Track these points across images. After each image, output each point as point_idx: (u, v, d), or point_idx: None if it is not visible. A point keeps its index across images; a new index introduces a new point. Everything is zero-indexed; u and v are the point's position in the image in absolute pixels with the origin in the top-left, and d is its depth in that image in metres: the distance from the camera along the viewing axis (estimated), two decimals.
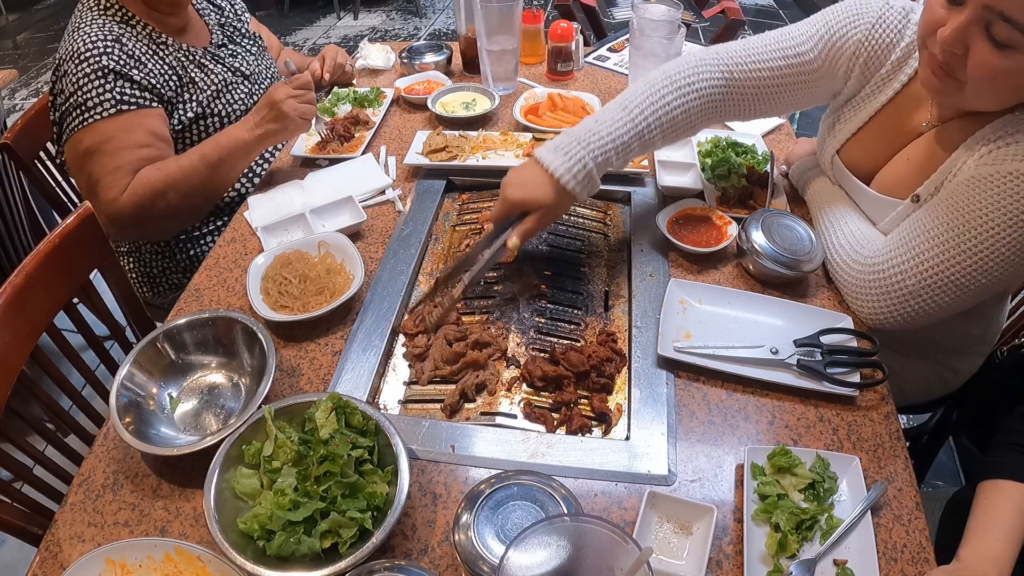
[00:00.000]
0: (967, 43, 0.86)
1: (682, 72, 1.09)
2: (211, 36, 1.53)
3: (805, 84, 1.12)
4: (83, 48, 1.28)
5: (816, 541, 0.81)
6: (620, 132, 1.05)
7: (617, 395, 0.99)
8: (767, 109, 1.16)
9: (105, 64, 1.28)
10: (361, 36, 4.64)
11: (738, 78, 1.11)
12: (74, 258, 1.17)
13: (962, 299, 0.97)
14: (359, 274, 1.11)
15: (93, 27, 1.31)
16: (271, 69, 1.67)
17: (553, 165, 1.02)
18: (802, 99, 1.15)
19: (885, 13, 1.05)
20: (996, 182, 0.90)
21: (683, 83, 1.08)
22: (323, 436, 0.81)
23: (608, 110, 1.08)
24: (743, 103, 1.14)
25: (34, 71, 4.35)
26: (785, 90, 1.13)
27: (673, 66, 1.11)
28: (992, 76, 0.86)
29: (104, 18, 1.34)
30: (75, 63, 1.28)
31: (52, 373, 1.14)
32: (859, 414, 0.94)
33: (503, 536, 0.71)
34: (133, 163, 1.30)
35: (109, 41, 1.30)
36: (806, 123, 3.20)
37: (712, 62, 1.11)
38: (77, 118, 1.29)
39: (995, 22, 0.82)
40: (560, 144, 1.04)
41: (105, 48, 1.29)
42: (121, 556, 0.76)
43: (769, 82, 1.12)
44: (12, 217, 1.79)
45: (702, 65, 1.10)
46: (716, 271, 1.16)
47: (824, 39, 1.09)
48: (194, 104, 1.42)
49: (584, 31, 2.41)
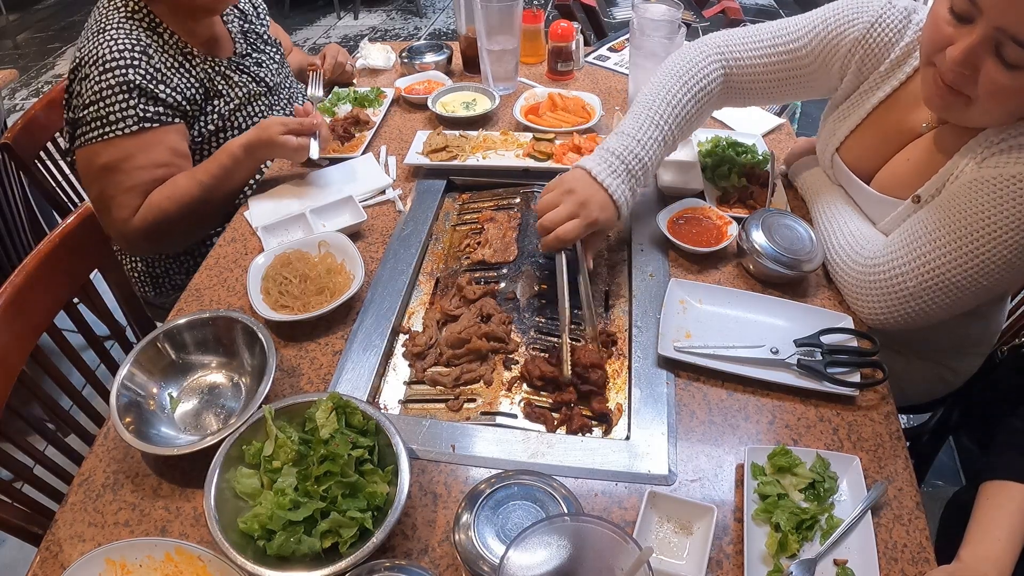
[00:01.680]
0: (977, 64, 0.85)
1: (694, 73, 1.13)
2: (235, 46, 1.51)
3: (798, 78, 1.15)
4: (109, 56, 1.25)
5: (816, 541, 0.81)
6: (656, 152, 1.09)
7: (617, 395, 0.99)
8: (763, 100, 1.21)
9: (131, 79, 1.25)
10: (361, 36, 4.64)
11: (734, 69, 1.15)
12: (74, 258, 1.17)
13: (963, 301, 0.97)
14: (359, 274, 1.11)
15: (120, 33, 1.27)
16: (289, 79, 1.67)
17: (617, 192, 1.05)
18: (796, 92, 1.18)
19: (886, 12, 1.05)
20: (998, 185, 0.90)
21: (696, 87, 1.13)
22: (323, 436, 0.81)
23: (644, 127, 1.09)
24: (741, 94, 1.19)
25: (34, 71, 4.35)
26: (778, 83, 1.16)
27: (683, 65, 1.14)
28: (1002, 95, 0.86)
29: (131, 23, 1.31)
30: (98, 70, 1.25)
31: (52, 373, 1.14)
32: (859, 414, 0.94)
33: (503, 536, 0.71)
34: (147, 184, 1.29)
35: (136, 53, 1.27)
36: (806, 123, 3.19)
37: (713, 55, 1.14)
38: (96, 130, 1.26)
39: (1006, 44, 0.81)
40: (616, 169, 1.06)
41: (132, 60, 1.26)
42: (121, 556, 0.76)
43: (763, 75, 1.15)
44: (12, 217, 1.79)
45: (707, 62, 1.14)
46: (716, 271, 1.16)
47: (820, 35, 1.09)
48: (216, 116, 1.42)
49: (584, 31, 2.41)
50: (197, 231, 1.44)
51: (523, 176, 1.37)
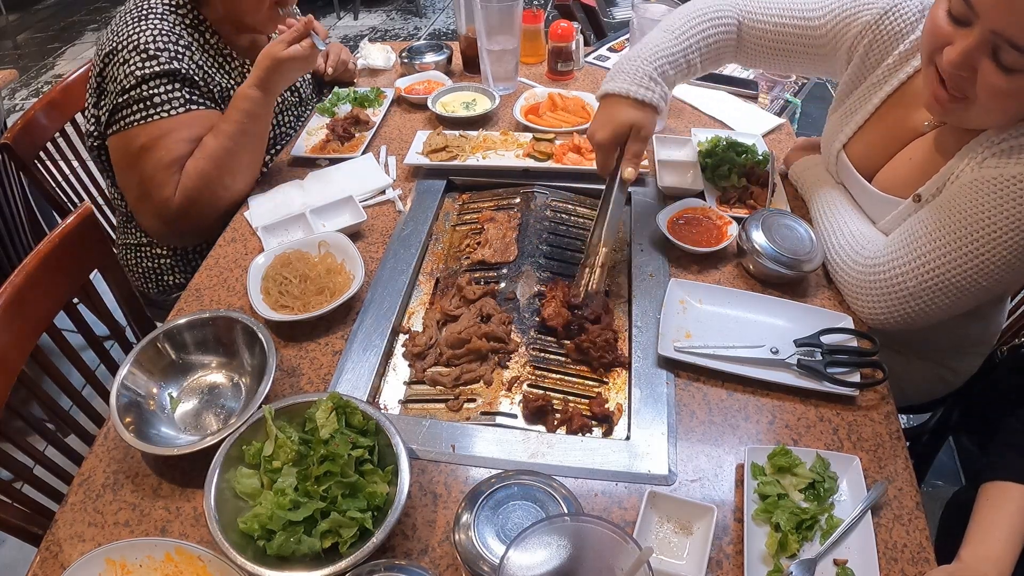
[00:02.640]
0: (974, 66, 0.85)
1: (709, 6, 1.15)
2: None
3: (807, 51, 1.15)
4: (152, 45, 1.24)
5: (816, 541, 0.81)
6: (668, 49, 1.10)
7: (617, 395, 0.99)
8: (767, 63, 1.22)
9: (176, 68, 1.26)
10: (361, 36, 4.64)
11: (747, 24, 1.16)
12: (74, 258, 1.17)
13: (963, 301, 0.97)
14: (359, 274, 1.11)
15: (165, 24, 1.28)
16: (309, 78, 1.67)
17: (621, 87, 1.07)
18: (802, 65, 1.20)
19: (901, 3, 1.05)
20: (999, 185, 0.90)
21: (712, 15, 1.14)
22: (323, 436, 0.81)
23: (651, 36, 1.13)
24: (747, 51, 1.20)
25: (34, 71, 4.35)
26: (786, 51, 1.17)
27: (694, 3, 1.16)
28: (1000, 98, 0.86)
29: (175, 16, 1.31)
30: (141, 56, 1.24)
31: (52, 373, 1.14)
32: (859, 414, 0.94)
33: (503, 536, 0.71)
34: (185, 157, 1.27)
35: (181, 47, 1.28)
36: (806, 123, 3.19)
37: (729, 3, 1.16)
38: (139, 112, 1.25)
39: (1002, 47, 0.81)
40: (617, 69, 1.09)
41: (176, 53, 1.27)
42: (121, 556, 0.76)
43: (773, 38, 1.16)
44: (12, 217, 1.79)
45: (721, 3, 1.16)
46: (716, 271, 1.16)
47: (835, 12, 1.10)
48: None
49: (584, 31, 2.41)
50: (238, 189, 1.36)
51: (523, 176, 1.37)
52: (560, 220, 1.28)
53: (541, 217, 1.26)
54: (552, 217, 1.28)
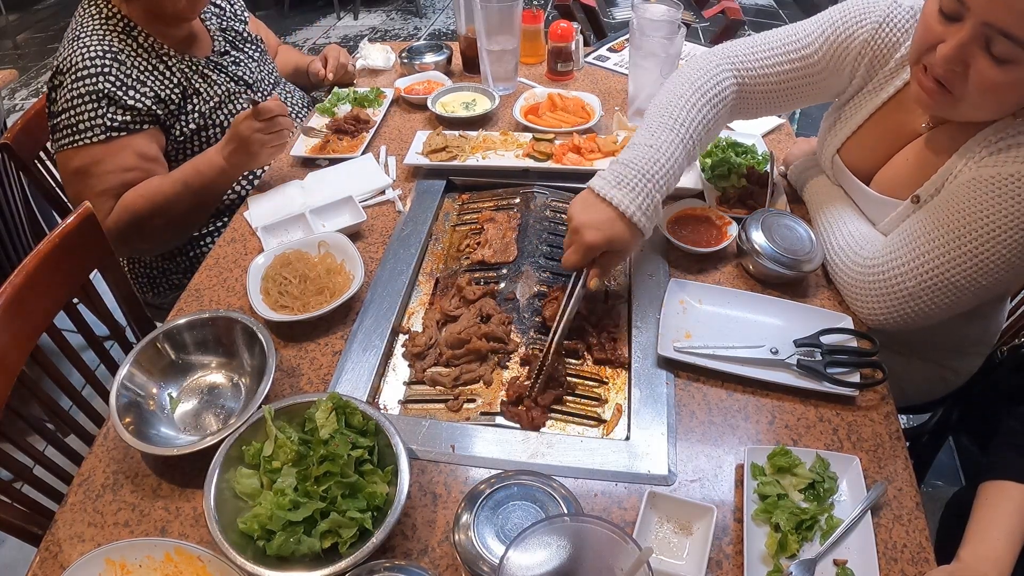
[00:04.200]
0: (967, 60, 0.85)
1: (706, 80, 1.08)
2: (213, 44, 1.52)
3: (810, 84, 1.13)
4: (81, 64, 1.28)
5: (816, 541, 0.81)
6: (675, 156, 1.02)
7: (617, 395, 0.99)
8: (775, 108, 1.19)
9: (100, 88, 1.28)
10: (361, 36, 4.64)
11: (747, 82, 1.12)
12: (74, 258, 1.17)
13: (962, 301, 0.97)
14: (359, 274, 1.11)
15: (92, 40, 1.30)
16: (273, 75, 1.67)
17: (627, 206, 0.97)
18: (808, 97, 1.16)
19: (892, 12, 1.05)
20: (997, 184, 0.90)
21: (710, 92, 1.07)
22: (323, 436, 0.81)
23: (657, 132, 1.03)
24: (752, 104, 1.16)
25: (34, 71, 4.35)
26: (791, 91, 1.14)
27: (694, 73, 1.09)
28: (994, 89, 0.86)
29: (105, 29, 1.33)
30: (71, 78, 1.28)
31: (52, 373, 1.14)
32: (859, 414, 0.94)
33: (503, 536, 0.71)
34: (117, 188, 1.32)
35: (107, 60, 1.29)
36: (806, 123, 3.19)
37: (726, 66, 1.11)
38: (68, 137, 1.30)
39: (995, 38, 0.82)
40: (624, 179, 0.99)
41: (103, 67, 1.28)
42: (121, 556, 0.76)
43: (776, 85, 1.12)
44: (12, 217, 1.79)
45: (718, 71, 1.10)
46: (716, 271, 1.16)
47: (829, 39, 1.08)
48: (196, 115, 1.42)
49: (584, 31, 2.41)
50: (174, 232, 1.43)
51: (523, 176, 1.37)
52: (560, 220, 1.27)
53: (541, 217, 1.26)
54: (552, 217, 1.28)
